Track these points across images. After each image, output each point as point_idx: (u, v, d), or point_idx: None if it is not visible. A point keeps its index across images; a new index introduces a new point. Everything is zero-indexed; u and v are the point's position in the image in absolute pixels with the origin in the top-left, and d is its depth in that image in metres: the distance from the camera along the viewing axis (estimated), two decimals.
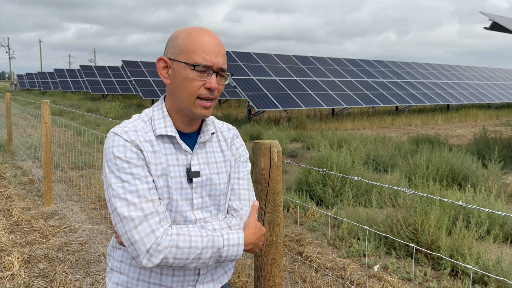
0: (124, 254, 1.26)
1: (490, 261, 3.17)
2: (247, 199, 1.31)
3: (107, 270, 1.32)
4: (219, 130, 1.34)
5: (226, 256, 1.17)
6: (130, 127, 1.19)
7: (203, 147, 1.27)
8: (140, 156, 1.15)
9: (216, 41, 1.20)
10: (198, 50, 1.17)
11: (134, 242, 1.10)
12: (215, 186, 1.26)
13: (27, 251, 3.62)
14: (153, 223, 1.11)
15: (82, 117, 15.77)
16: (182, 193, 1.20)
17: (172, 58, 1.21)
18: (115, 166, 1.14)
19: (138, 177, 1.13)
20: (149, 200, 1.13)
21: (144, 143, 1.18)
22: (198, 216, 1.22)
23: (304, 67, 18.72)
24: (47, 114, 4.99)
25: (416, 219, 3.64)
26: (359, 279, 3.19)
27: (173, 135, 1.21)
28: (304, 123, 13.87)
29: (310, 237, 4.06)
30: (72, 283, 3.08)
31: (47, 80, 49.28)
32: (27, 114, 18.36)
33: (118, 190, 1.12)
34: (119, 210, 1.11)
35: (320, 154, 5.70)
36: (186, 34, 1.20)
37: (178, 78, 1.19)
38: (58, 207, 4.96)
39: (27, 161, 7.66)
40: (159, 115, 1.23)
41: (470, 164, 6.05)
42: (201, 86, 1.18)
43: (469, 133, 13.16)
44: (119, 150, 1.15)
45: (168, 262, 1.11)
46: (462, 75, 25.68)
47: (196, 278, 1.24)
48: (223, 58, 1.20)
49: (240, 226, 1.25)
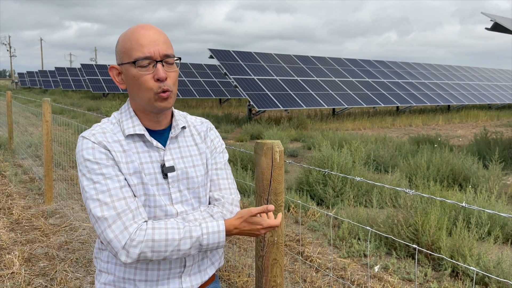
0: (110, 254, 1.27)
1: (490, 262, 3.17)
2: (228, 188, 1.33)
3: (96, 273, 1.33)
4: (192, 125, 1.36)
5: (207, 244, 1.18)
6: (97, 130, 1.22)
7: (175, 142, 1.28)
8: (109, 156, 1.18)
9: (152, 31, 1.20)
10: (134, 46, 1.17)
11: (110, 240, 1.12)
12: (192, 179, 1.27)
13: (27, 250, 3.63)
14: (126, 220, 1.13)
15: (83, 115, 15.78)
16: (159, 188, 1.22)
17: (119, 63, 1.23)
18: (86, 168, 1.17)
19: (108, 177, 1.15)
20: (121, 198, 1.15)
21: (113, 143, 1.20)
22: (179, 210, 1.24)
23: (305, 67, 18.71)
24: (48, 112, 4.99)
25: (417, 220, 3.63)
26: (359, 279, 3.18)
27: (141, 133, 1.22)
28: (304, 123, 13.87)
29: (310, 237, 4.06)
30: (73, 281, 3.08)
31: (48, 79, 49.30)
32: (28, 112, 18.37)
33: (90, 192, 1.15)
34: (93, 211, 1.14)
35: (321, 154, 5.70)
36: (123, 36, 1.22)
37: (129, 79, 1.21)
38: (58, 205, 4.96)
39: (28, 160, 7.66)
40: (126, 116, 1.26)
41: (471, 165, 6.05)
42: (150, 79, 1.18)
43: (469, 133, 13.15)
44: (88, 152, 1.17)
45: (147, 255, 1.13)
46: (463, 75, 25.66)
47: (182, 270, 1.26)
48: (163, 45, 1.19)
49: (223, 213, 1.27)
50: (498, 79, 27.32)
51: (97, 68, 33.32)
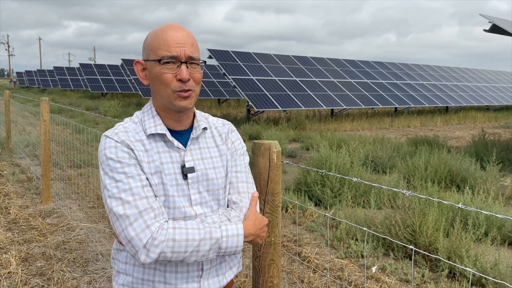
0: (128, 255, 1.26)
1: (487, 263, 3.17)
2: (246, 192, 1.31)
3: (113, 274, 1.32)
4: (213, 126, 1.36)
5: (226, 247, 1.17)
6: (120, 129, 1.23)
7: (196, 143, 1.28)
8: (131, 155, 1.18)
9: (181, 33, 1.22)
10: (162, 45, 1.20)
11: (131, 239, 1.11)
12: (211, 180, 1.26)
13: (24, 249, 3.62)
14: (148, 219, 1.12)
15: (81, 115, 15.75)
16: (178, 189, 1.21)
17: (145, 59, 1.25)
18: (108, 167, 1.17)
19: (131, 176, 1.15)
20: (143, 197, 1.14)
21: (135, 142, 1.20)
22: (198, 212, 1.23)
23: (303, 68, 18.72)
24: (46, 112, 4.98)
25: (414, 221, 3.64)
26: (357, 280, 3.19)
27: (163, 132, 1.23)
28: (303, 123, 13.87)
29: (308, 238, 4.06)
30: (70, 281, 3.07)
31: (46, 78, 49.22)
32: (26, 111, 18.33)
33: (112, 190, 1.14)
34: (114, 209, 1.13)
35: (319, 155, 5.70)
36: (153, 34, 1.24)
37: (152, 76, 1.22)
38: (56, 205, 4.95)
39: (26, 159, 7.65)
40: (148, 116, 1.26)
41: (469, 166, 6.06)
42: (173, 78, 1.19)
43: (467, 135, 13.17)
44: (111, 151, 1.18)
45: (166, 256, 1.12)
46: (461, 77, 25.72)
47: (200, 274, 1.24)
48: (190, 47, 1.21)
49: (240, 218, 1.25)
50: (496, 81, 27.39)
51: (96, 68, 33.27)
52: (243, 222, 1.22)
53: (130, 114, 18.47)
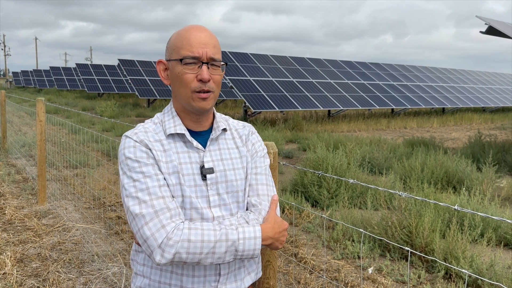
0: (146, 257, 1.26)
1: (483, 264, 3.18)
2: (266, 194, 1.28)
3: (132, 276, 1.33)
4: (234, 128, 1.35)
5: (243, 250, 1.14)
6: (140, 129, 1.24)
7: (215, 144, 1.28)
8: (149, 155, 1.19)
9: (204, 34, 1.22)
10: (184, 45, 1.21)
11: (146, 238, 1.11)
12: (231, 182, 1.25)
13: (20, 250, 3.60)
14: (164, 219, 1.12)
15: (77, 115, 15.70)
16: (197, 190, 1.20)
17: (167, 59, 1.26)
18: (127, 166, 1.18)
19: (148, 175, 1.16)
20: (160, 197, 1.14)
21: (154, 142, 1.21)
22: (216, 214, 1.21)
23: (300, 69, 18.74)
24: (42, 112, 4.96)
25: (411, 222, 3.65)
26: (353, 281, 3.19)
27: (182, 132, 1.23)
28: (300, 124, 13.88)
29: (304, 239, 4.06)
30: (65, 282, 3.06)
31: (42, 78, 49.04)
32: (22, 111, 18.25)
33: (130, 190, 1.15)
34: (131, 208, 1.14)
35: (316, 156, 5.71)
36: (177, 34, 1.25)
37: (174, 76, 1.24)
38: (52, 206, 4.93)
39: (21, 159, 7.61)
40: (168, 116, 1.27)
41: (465, 168, 6.08)
42: (193, 79, 1.20)
43: (464, 136, 13.22)
44: (130, 150, 1.19)
45: (182, 257, 1.10)
46: (458, 78, 25.81)
47: (218, 279, 1.22)
48: (212, 49, 1.21)
49: (259, 221, 1.22)
50: (492, 83, 27.51)
51: (92, 68, 33.17)
52: (261, 225, 1.20)
53: (126, 114, 18.43)
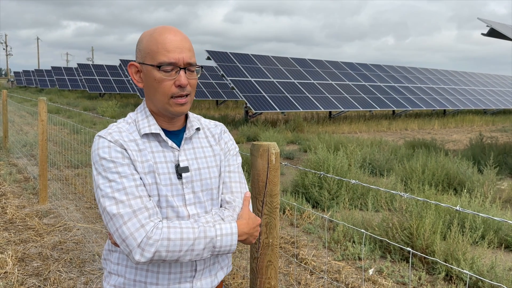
0: (120, 256, 1.26)
1: (484, 266, 3.18)
2: (239, 191, 1.32)
3: (105, 275, 1.32)
4: (206, 127, 1.37)
5: (220, 246, 1.17)
6: (114, 129, 1.23)
7: (189, 142, 1.29)
8: (125, 155, 1.18)
9: (179, 37, 1.21)
10: (160, 50, 1.18)
11: (125, 238, 1.11)
12: (205, 180, 1.27)
13: (21, 249, 3.60)
14: (142, 218, 1.12)
15: (78, 115, 15.72)
16: (173, 189, 1.22)
17: (140, 62, 1.24)
18: (102, 167, 1.16)
19: (124, 175, 1.15)
20: (137, 197, 1.14)
21: (129, 142, 1.20)
22: (191, 212, 1.23)
23: (302, 70, 18.75)
24: (44, 111, 4.97)
25: (412, 223, 3.64)
26: (353, 282, 3.19)
27: (157, 132, 1.23)
28: (301, 125, 13.88)
29: (305, 240, 4.06)
30: (66, 282, 3.06)
31: (44, 78, 49.10)
32: (24, 111, 18.28)
33: (106, 190, 1.14)
34: (108, 209, 1.13)
35: (316, 157, 5.71)
36: (149, 36, 1.22)
37: (149, 80, 1.22)
38: (53, 205, 4.93)
39: (23, 159, 7.62)
40: (142, 116, 1.27)
41: (466, 169, 6.07)
42: (171, 85, 1.20)
43: (465, 138, 13.21)
44: (104, 151, 1.18)
45: (161, 255, 1.11)
46: (459, 80, 25.80)
47: (193, 274, 1.24)
48: (188, 53, 1.21)
49: (234, 217, 1.26)
50: (493, 85, 27.49)
51: (94, 68, 33.21)
52: (237, 221, 1.23)
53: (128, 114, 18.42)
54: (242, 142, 11.24)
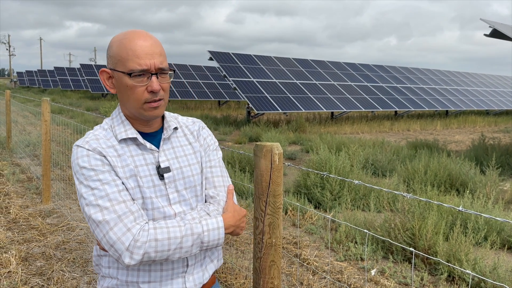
0: (110, 259, 1.27)
1: (486, 267, 3.18)
2: (222, 185, 1.34)
3: (99, 279, 1.33)
4: (184, 125, 1.38)
5: (208, 241, 1.19)
6: (91, 137, 1.23)
7: (168, 142, 1.30)
8: (104, 162, 1.18)
9: (149, 43, 1.19)
10: (131, 57, 1.17)
11: (113, 243, 1.12)
12: (188, 178, 1.28)
13: (24, 249, 3.62)
14: (128, 222, 1.13)
15: (81, 115, 15.76)
16: (156, 190, 1.22)
17: (111, 68, 1.23)
18: (83, 176, 1.17)
19: (106, 182, 1.16)
20: (121, 202, 1.15)
21: (107, 149, 1.21)
22: (177, 210, 1.24)
23: (304, 70, 18.75)
24: (47, 112, 4.99)
25: (414, 224, 3.65)
26: (356, 283, 3.19)
27: (134, 136, 1.23)
28: (303, 126, 13.89)
29: (307, 240, 4.07)
30: (69, 281, 3.08)
31: (47, 78, 49.24)
32: (27, 111, 18.34)
33: (89, 198, 1.15)
34: (93, 216, 1.14)
35: (319, 158, 5.71)
36: (119, 42, 1.20)
37: (121, 87, 1.22)
38: (56, 205, 4.95)
39: (26, 159, 7.65)
40: (118, 121, 1.27)
41: (468, 170, 6.07)
42: (144, 91, 1.19)
43: (467, 139, 13.19)
44: (83, 160, 1.18)
45: (150, 256, 1.13)
46: (462, 81, 25.76)
47: (185, 269, 1.26)
48: (159, 57, 1.20)
49: (219, 211, 1.27)
50: (496, 85, 27.43)
51: (96, 69, 33.28)
52: (222, 215, 1.25)
53: None
54: (244, 142, 11.25)
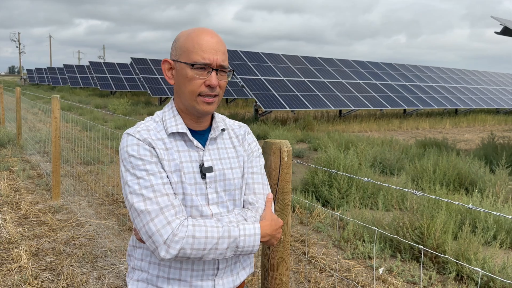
0: (144, 252, 1.29)
1: (496, 266, 3.16)
2: (262, 193, 1.33)
3: (129, 270, 1.35)
4: (231, 128, 1.39)
5: (243, 246, 1.19)
6: (142, 127, 1.25)
7: (214, 143, 1.31)
8: (153, 153, 1.20)
9: (215, 40, 1.24)
10: (196, 50, 1.22)
11: (152, 234, 1.13)
12: (229, 181, 1.29)
13: (35, 244, 3.67)
14: (169, 215, 1.15)
15: (90, 112, 15.87)
16: (196, 188, 1.24)
17: (174, 59, 1.27)
18: (130, 164, 1.19)
19: (152, 173, 1.18)
20: (164, 194, 1.17)
21: (157, 141, 1.23)
22: (214, 211, 1.25)
23: (312, 68, 18.70)
24: (57, 109, 5.03)
25: (423, 223, 3.63)
26: (363, 281, 3.19)
27: (184, 131, 1.25)
28: (311, 124, 13.86)
29: (315, 238, 4.07)
30: (79, 276, 3.11)
31: (56, 76, 49.64)
32: (36, 108, 18.51)
33: (134, 187, 1.17)
34: (135, 205, 1.16)
35: (327, 156, 5.70)
36: (187, 35, 1.26)
37: (180, 77, 1.25)
38: (65, 201, 5.00)
39: (36, 155, 7.73)
40: (169, 115, 1.29)
41: (478, 169, 6.02)
42: (201, 84, 1.22)
43: (477, 138, 13.07)
44: (133, 148, 1.20)
45: (186, 253, 1.14)
46: (472, 79, 25.50)
47: (216, 272, 1.26)
48: (222, 56, 1.24)
49: (256, 218, 1.27)
50: (506, 84, 27.12)
51: (105, 66, 33.48)
52: (260, 222, 1.25)
53: (138, 112, 18.57)
54: None
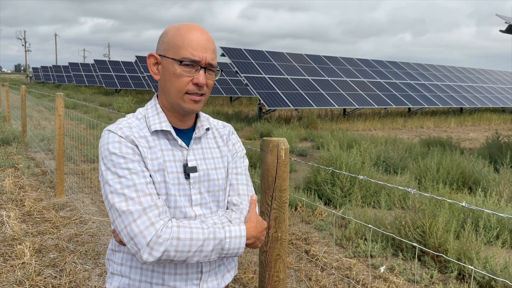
0: (124, 256, 1.24)
1: (498, 266, 3.15)
2: (246, 194, 1.30)
3: (107, 275, 1.29)
4: (215, 128, 1.35)
5: (228, 248, 1.16)
6: (124, 124, 1.20)
7: (198, 142, 1.27)
8: (135, 151, 1.15)
9: (205, 37, 1.20)
10: (185, 46, 1.17)
11: (134, 236, 1.08)
12: (213, 181, 1.25)
13: (38, 241, 3.70)
14: (152, 216, 1.10)
15: (95, 111, 15.94)
16: (180, 188, 1.19)
17: (161, 54, 1.22)
18: (111, 162, 1.14)
19: (135, 172, 1.13)
20: (147, 194, 1.12)
21: (139, 138, 1.18)
22: (197, 212, 1.21)
23: (316, 67, 18.67)
24: (61, 107, 5.06)
25: (424, 222, 3.62)
26: (364, 280, 3.19)
27: (168, 129, 1.21)
28: (315, 122, 13.84)
29: (317, 236, 4.07)
30: (82, 273, 3.14)
31: (61, 74, 49.88)
32: (41, 106, 18.62)
33: (115, 186, 1.12)
34: (117, 205, 1.10)
35: (329, 154, 5.70)
36: (176, 30, 1.21)
37: (167, 74, 1.20)
38: (69, 198, 5.04)
39: (40, 153, 7.78)
40: (153, 112, 1.24)
41: (482, 168, 5.99)
42: (189, 81, 1.18)
43: (481, 137, 13.00)
44: (114, 146, 1.15)
45: (170, 255, 1.09)
46: (477, 78, 25.35)
47: (200, 276, 1.22)
48: (211, 54, 1.20)
49: (241, 220, 1.24)
50: None
51: (110, 64, 33.59)
52: (245, 224, 1.21)
53: None
54: (255, 138, 11.26)
